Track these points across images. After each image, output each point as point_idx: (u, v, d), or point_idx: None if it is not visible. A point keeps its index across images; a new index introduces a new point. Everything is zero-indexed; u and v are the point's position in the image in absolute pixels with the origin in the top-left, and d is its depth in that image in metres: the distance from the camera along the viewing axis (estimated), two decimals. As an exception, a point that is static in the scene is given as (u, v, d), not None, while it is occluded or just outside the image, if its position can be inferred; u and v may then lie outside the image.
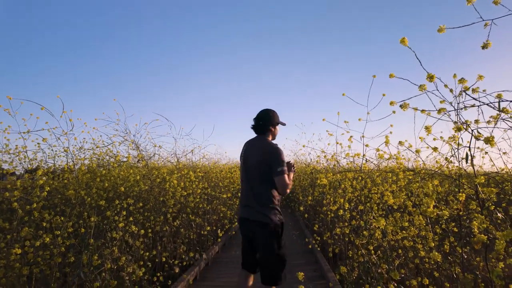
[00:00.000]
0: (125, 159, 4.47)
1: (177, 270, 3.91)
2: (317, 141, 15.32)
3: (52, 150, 4.23)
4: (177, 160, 5.54)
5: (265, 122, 2.48)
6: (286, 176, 2.31)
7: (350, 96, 3.23)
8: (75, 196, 3.38)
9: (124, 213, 3.29)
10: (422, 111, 1.51)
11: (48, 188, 3.16)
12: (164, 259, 3.80)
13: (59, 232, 2.76)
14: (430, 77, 1.33)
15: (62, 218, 2.91)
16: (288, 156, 14.45)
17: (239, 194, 2.71)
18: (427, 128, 1.56)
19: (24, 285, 2.52)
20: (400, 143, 2.13)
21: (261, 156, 2.37)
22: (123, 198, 3.59)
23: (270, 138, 2.52)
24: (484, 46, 1.43)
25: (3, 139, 3.90)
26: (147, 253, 3.53)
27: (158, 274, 3.42)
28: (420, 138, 2.48)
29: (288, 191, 2.35)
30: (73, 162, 4.06)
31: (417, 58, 1.43)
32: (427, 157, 4.08)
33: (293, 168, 2.54)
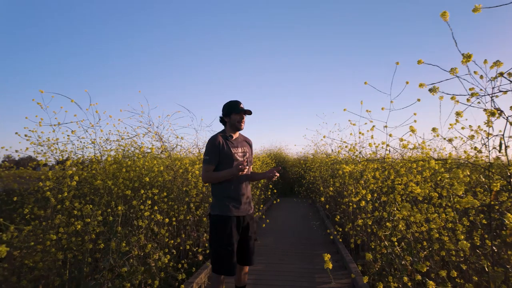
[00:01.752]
0: (149, 150, 4.59)
1: (200, 258, 4.02)
2: (338, 132, 15.03)
3: (80, 142, 4.42)
4: (198, 151, 5.63)
5: (221, 115, 2.61)
6: (203, 165, 2.44)
7: (372, 85, 3.14)
8: (103, 186, 3.52)
9: (149, 202, 3.39)
10: (453, 97, 1.44)
11: (78, 178, 3.30)
12: (188, 247, 3.91)
13: (90, 220, 2.89)
14: (467, 57, 1.25)
15: (92, 207, 3.04)
16: (308, 146, 14.29)
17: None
18: (458, 114, 1.48)
19: (59, 269, 2.68)
20: (433, 129, 2.05)
21: None
22: (148, 188, 3.70)
23: (228, 128, 2.56)
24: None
25: (35, 132, 4.09)
26: (172, 241, 3.64)
27: (183, 262, 3.52)
28: (450, 125, 2.39)
29: (204, 180, 2.46)
30: (100, 153, 4.22)
31: (453, 38, 1.36)
32: (460, 146, 3.87)
33: (239, 167, 2.29)
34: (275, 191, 7.78)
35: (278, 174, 2.49)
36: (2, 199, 4.43)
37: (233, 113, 2.51)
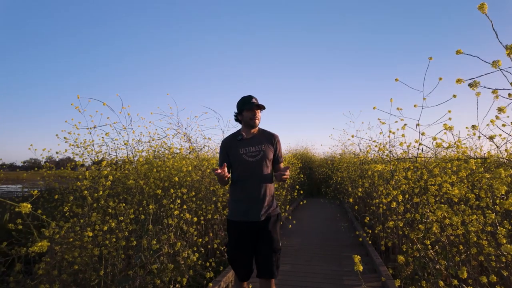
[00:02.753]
0: (178, 151, 4.72)
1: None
2: (367, 130, 14.62)
3: (114, 143, 4.63)
4: (225, 152, 5.69)
5: (235, 114, 2.44)
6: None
7: (402, 83, 3.03)
8: (135, 185, 3.66)
9: (179, 201, 3.48)
10: (494, 91, 1.35)
11: (112, 178, 3.46)
12: (215, 246, 3.98)
13: (123, 218, 3.02)
14: (511, 48, 1.17)
15: (125, 205, 3.18)
16: (335, 146, 14.02)
17: None
18: (500, 110, 1.39)
19: (95, 264, 2.82)
20: (473, 127, 1.94)
21: None
22: (177, 187, 3.81)
23: (243, 126, 2.40)
24: None
25: (73, 134, 4.34)
26: (200, 240, 3.72)
27: (211, 260, 3.58)
28: (491, 121, 2.24)
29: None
30: (132, 154, 4.40)
31: (494, 30, 1.28)
32: (501, 145, 3.58)
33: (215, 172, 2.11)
34: (301, 192, 7.71)
35: (287, 173, 2.19)
36: (44, 198, 4.75)
37: (244, 110, 2.31)
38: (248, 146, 2.30)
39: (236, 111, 2.40)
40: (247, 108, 2.28)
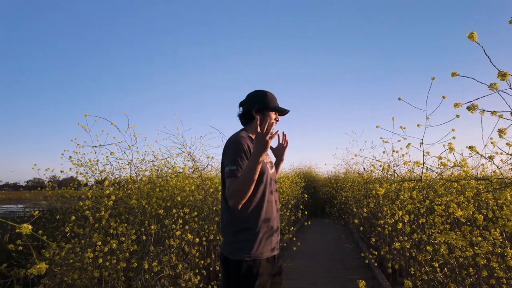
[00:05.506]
0: (181, 170, 4.72)
1: (230, 280, 3.97)
2: (370, 149, 14.61)
3: (118, 162, 4.64)
4: (228, 171, 5.67)
5: (245, 107, 1.70)
6: (231, 179, 1.45)
7: (406, 101, 3.04)
8: (138, 205, 3.64)
9: (181, 221, 3.44)
10: (493, 112, 1.36)
11: (114, 197, 3.45)
12: (217, 268, 3.89)
13: (124, 239, 2.99)
14: (502, 75, 1.19)
15: (126, 226, 3.14)
16: (339, 165, 13.95)
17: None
18: (500, 131, 1.39)
19: (95, 287, 2.76)
20: (471, 147, 1.93)
21: (221, 159, 1.63)
22: (179, 207, 3.77)
23: (252, 128, 1.66)
24: None
25: (78, 153, 4.37)
26: (202, 261, 3.64)
27: (213, 283, 3.50)
28: (492, 142, 2.23)
29: (234, 201, 1.43)
30: (136, 173, 4.40)
31: (486, 55, 1.30)
32: (502, 163, 3.56)
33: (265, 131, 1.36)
34: (306, 212, 7.62)
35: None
36: (46, 218, 4.72)
37: (269, 110, 1.66)
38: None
39: (255, 105, 1.66)
40: (277, 110, 1.68)
